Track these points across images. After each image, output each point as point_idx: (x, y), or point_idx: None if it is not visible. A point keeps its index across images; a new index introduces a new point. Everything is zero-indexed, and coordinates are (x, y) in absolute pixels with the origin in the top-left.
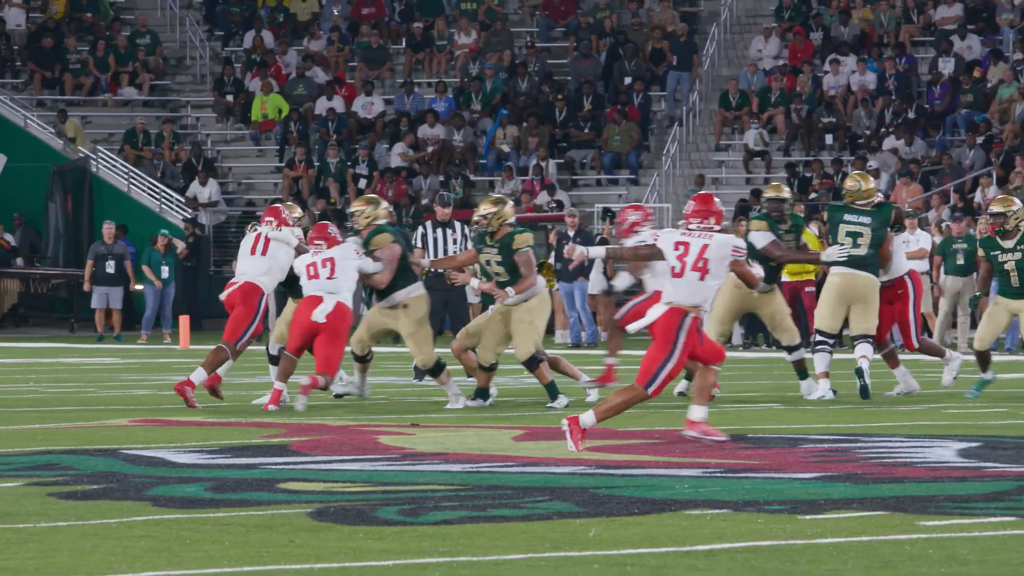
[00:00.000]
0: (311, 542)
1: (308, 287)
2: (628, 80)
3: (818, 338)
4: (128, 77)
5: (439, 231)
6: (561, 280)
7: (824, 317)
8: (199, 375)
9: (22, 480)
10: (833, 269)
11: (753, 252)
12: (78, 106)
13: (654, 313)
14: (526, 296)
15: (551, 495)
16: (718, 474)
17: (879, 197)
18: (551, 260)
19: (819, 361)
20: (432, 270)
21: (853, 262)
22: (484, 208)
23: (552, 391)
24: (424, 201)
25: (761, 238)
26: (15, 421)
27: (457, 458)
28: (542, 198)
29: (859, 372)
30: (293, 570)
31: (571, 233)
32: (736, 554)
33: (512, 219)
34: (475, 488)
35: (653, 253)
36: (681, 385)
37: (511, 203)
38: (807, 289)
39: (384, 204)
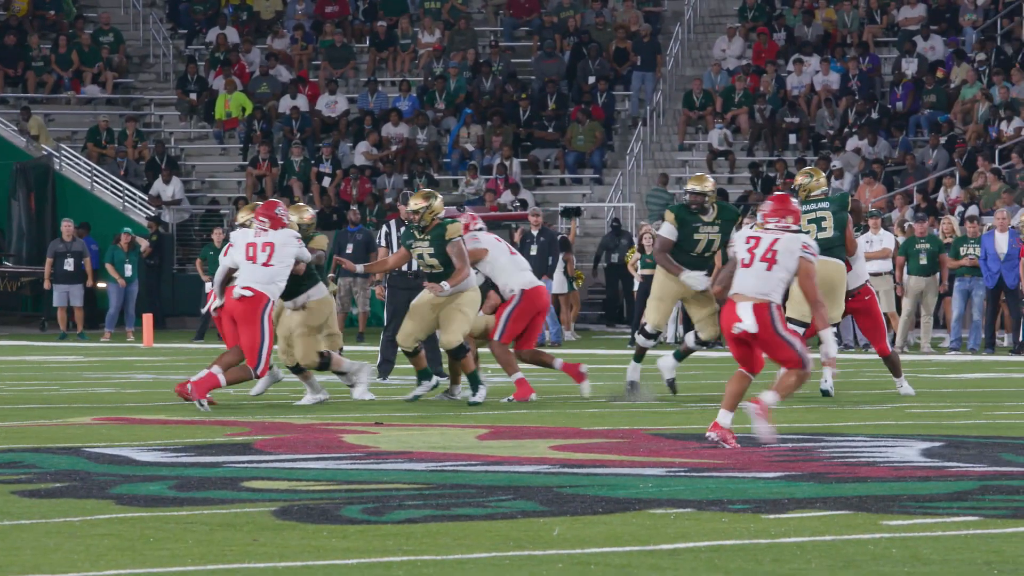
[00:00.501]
0: (275, 541)
1: (242, 270)
2: (592, 79)
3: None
4: (91, 75)
5: (403, 229)
6: None
7: (795, 303)
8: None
9: None
10: None
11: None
12: (41, 104)
13: (747, 317)
14: (461, 288)
15: (515, 494)
16: (682, 473)
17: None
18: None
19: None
20: (396, 270)
21: (820, 247)
22: (415, 203)
23: (474, 381)
24: (388, 200)
25: (663, 230)
26: None
27: (421, 457)
28: (506, 197)
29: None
30: (257, 569)
31: (535, 232)
32: (700, 553)
33: (442, 212)
34: (439, 487)
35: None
36: (634, 372)
37: (440, 197)
38: None
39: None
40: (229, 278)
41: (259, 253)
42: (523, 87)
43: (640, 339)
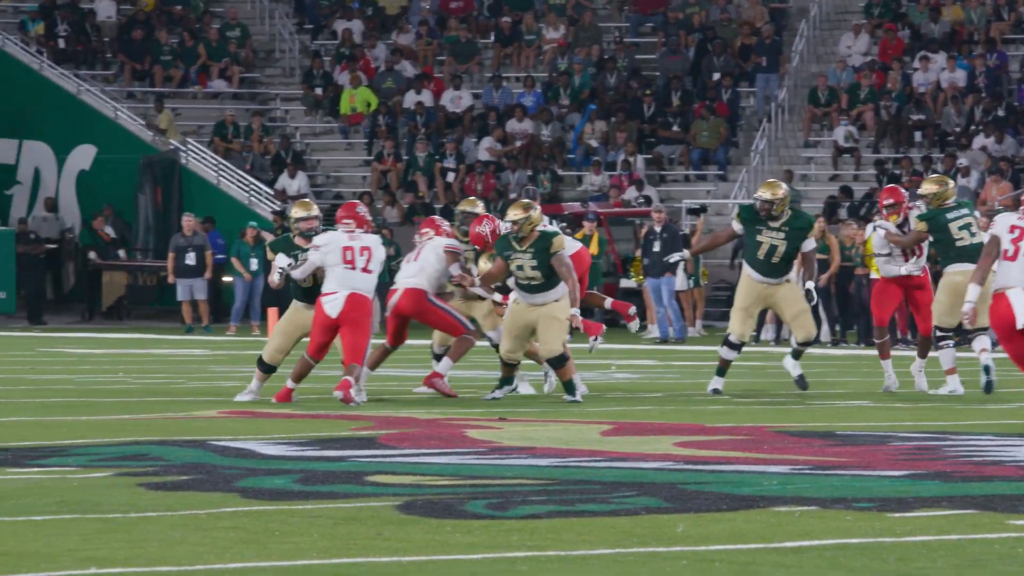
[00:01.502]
0: (398, 535)
1: (336, 275)
2: (716, 76)
3: (939, 334)
4: (218, 69)
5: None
6: (649, 276)
7: (943, 314)
8: (445, 365)
9: (111, 471)
10: (954, 268)
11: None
12: (168, 98)
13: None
14: (555, 296)
15: (639, 490)
16: (806, 471)
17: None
18: (639, 255)
19: (944, 358)
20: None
21: (973, 252)
22: (514, 213)
23: (570, 388)
24: (512, 195)
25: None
26: (104, 412)
27: (544, 452)
28: (630, 193)
29: (987, 369)
30: (380, 563)
31: (658, 229)
32: (824, 551)
33: (542, 223)
34: (562, 483)
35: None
36: (717, 383)
37: (539, 208)
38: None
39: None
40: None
41: (357, 258)
42: (647, 83)
43: (723, 351)
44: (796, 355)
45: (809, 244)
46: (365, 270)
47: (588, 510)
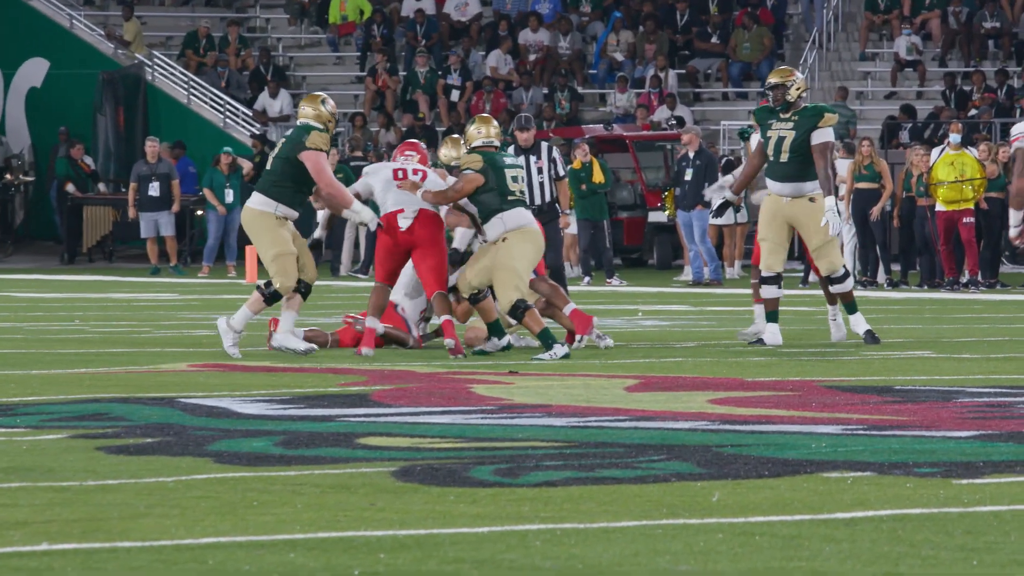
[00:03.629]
0: (395, 505)
1: (397, 198)
2: None
3: None
4: None
5: (521, 158)
6: (679, 208)
7: None
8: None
9: (67, 432)
10: None
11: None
12: (132, 5)
13: None
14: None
15: (668, 454)
16: (860, 431)
17: None
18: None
19: None
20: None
21: None
22: (446, 152)
23: (545, 340)
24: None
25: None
26: (59, 364)
27: (561, 411)
28: (661, 114)
29: None
30: (375, 537)
31: (691, 154)
32: (881, 523)
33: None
34: (582, 445)
35: None
36: (768, 330)
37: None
38: (965, 220)
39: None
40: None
41: (411, 177)
42: None
43: (763, 290)
44: (851, 307)
45: (821, 135)
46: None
47: (611, 476)
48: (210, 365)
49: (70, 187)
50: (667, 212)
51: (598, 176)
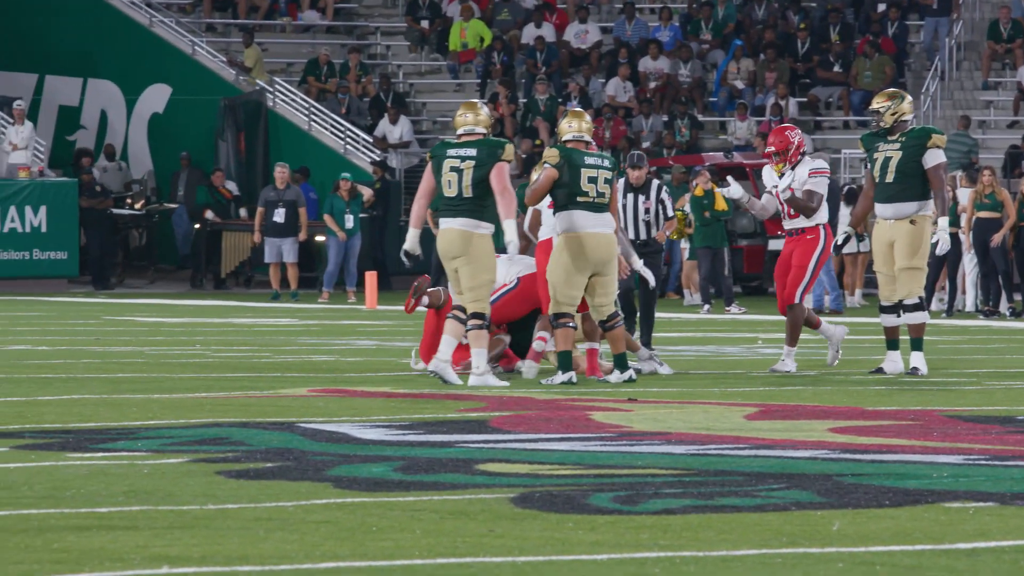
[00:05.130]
0: (513, 532)
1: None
2: (882, 7)
3: None
4: (309, 0)
5: (630, 196)
6: None
7: None
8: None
9: (187, 456)
10: None
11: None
12: (253, 32)
13: None
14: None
15: (788, 483)
16: (983, 461)
17: None
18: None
19: None
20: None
21: None
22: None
23: (563, 364)
24: (645, 144)
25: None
26: (180, 389)
27: (680, 439)
28: None
29: None
30: (492, 564)
31: None
32: (1003, 554)
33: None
34: (701, 473)
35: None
36: (889, 359)
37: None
38: None
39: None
40: None
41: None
42: (803, 15)
43: (883, 319)
44: (917, 343)
45: (935, 157)
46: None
47: (730, 505)
48: (330, 390)
49: (209, 214)
50: None
51: (720, 204)
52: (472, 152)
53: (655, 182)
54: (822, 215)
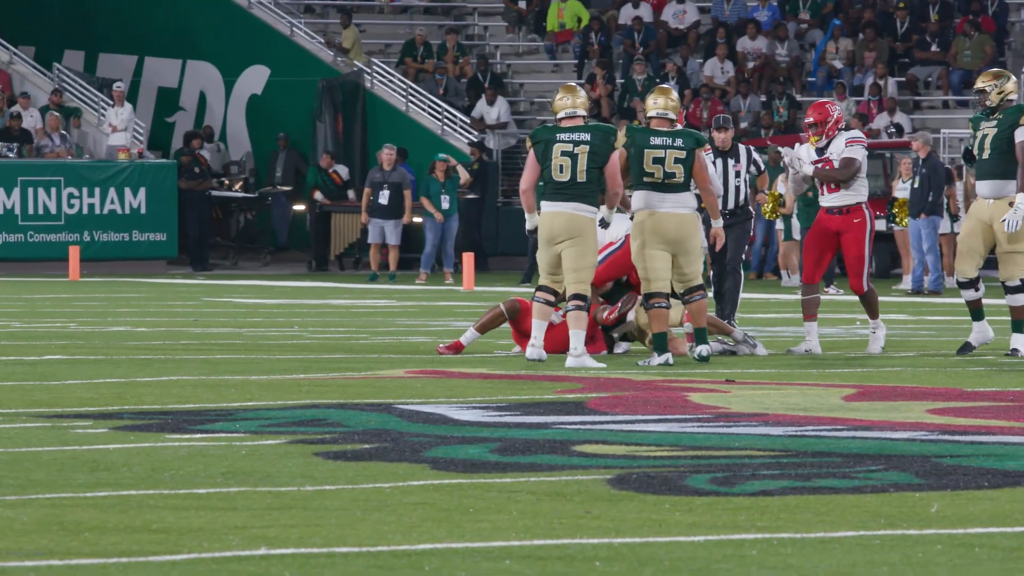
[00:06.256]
0: (610, 513)
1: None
2: None
3: None
4: None
5: (719, 161)
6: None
7: None
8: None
9: (285, 437)
10: None
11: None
12: (351, 13)
13: None
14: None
15: (887, 464)
16: None
17: None
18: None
19: None
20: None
21: None
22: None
23: (658, 345)
24: (743, 124)
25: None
26: (277, 370)
27: (778, 420)
28: (880, 121)
29: None
30: (590, 545)
31: (922, 159)
32: None
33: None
34: (798, 454)
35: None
36: (975, 331)
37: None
38: None
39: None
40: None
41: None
42: None
43: (964, 293)
44: (1020, 324)
45: (1021, 134)
46: None
47: (828, 486)
48: (427, 372)
49: (318, 195)
50: (899, 221)
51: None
52: (587, 136)
53: (742, 146)
54: (863, 191)
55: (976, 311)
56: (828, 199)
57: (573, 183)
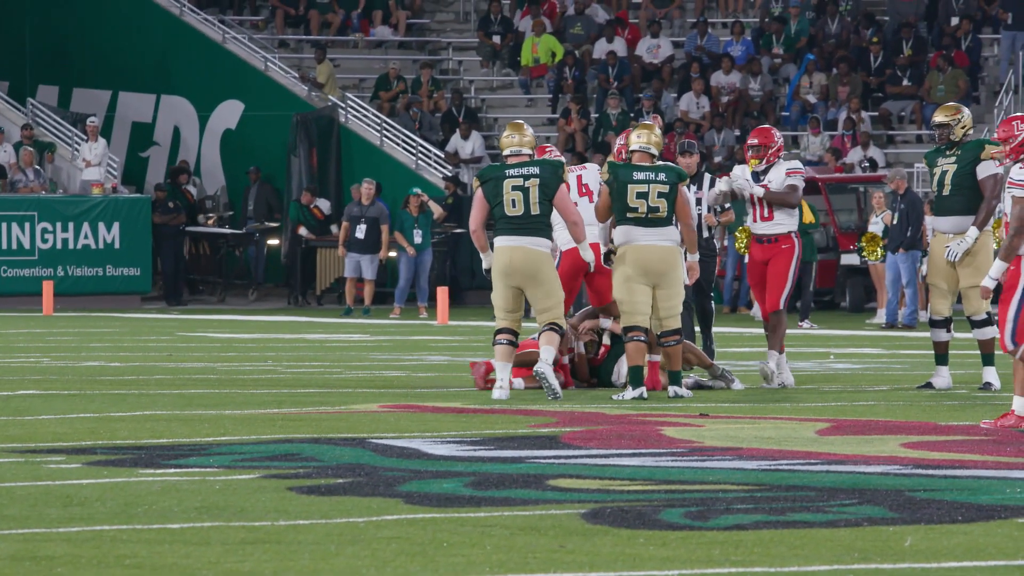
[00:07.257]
0: (584, 547)
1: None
2: (955, 20)
3: None
4: (381, 15)
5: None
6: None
7: None
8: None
9: (258, 472)
10: None
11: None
12: (325, 47)
13: None
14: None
15: (860, 498)
16: None
17: None
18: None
19: None
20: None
21: None
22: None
23: (633, 379)
24: (716, 159)
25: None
26: (251, 405)
27: (752, 454)
28: (854, 155)
29: None
30: None
31: (899, 194)
32: None
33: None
34: (772, 488)
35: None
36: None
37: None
38: None
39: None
40: None
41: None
42: (875, 29)
43: (933, 333)
44: (988, 358)
45: (987, 169)
46: None
47: (802, 520)
48: (401, 406)
49: (303, 231)
50: (868, 255)
51: (807, 216)
52: (535, 170)
53: (707, 174)
54: (792, 222)
55: (942, 355)
56: (760, 227)
57: (527, 216)
